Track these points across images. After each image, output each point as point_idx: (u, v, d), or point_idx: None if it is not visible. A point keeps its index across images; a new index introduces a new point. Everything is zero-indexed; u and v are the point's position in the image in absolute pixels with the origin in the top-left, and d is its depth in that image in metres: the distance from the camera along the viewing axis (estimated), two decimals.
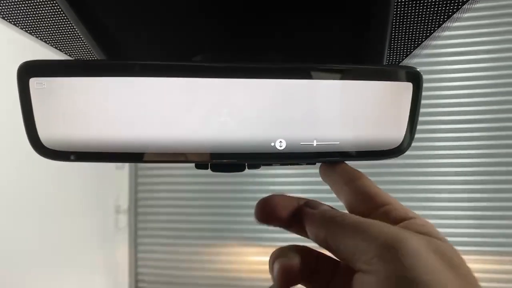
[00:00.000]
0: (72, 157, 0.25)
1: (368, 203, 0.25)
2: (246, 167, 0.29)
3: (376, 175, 1.62)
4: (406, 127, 0.28)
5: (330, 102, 0.26)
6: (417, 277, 0.18)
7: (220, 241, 1.80)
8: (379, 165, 1.62)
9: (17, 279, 1.28)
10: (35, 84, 0.24)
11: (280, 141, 0.26)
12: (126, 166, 1.88)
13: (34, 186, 1.35)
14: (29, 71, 0.24)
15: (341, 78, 0.26)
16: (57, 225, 1.46)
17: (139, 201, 1.90)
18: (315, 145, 0.27)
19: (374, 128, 0.27)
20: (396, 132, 0.28)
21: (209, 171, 0.28)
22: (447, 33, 1.60)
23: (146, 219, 1.89)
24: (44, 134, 0.25)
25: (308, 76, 0.26)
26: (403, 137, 0.28)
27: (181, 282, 1.83)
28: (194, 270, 1.82)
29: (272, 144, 0.26)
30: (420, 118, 0.28)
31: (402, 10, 0.29)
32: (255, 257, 1.78)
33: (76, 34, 0.31)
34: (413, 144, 0.29)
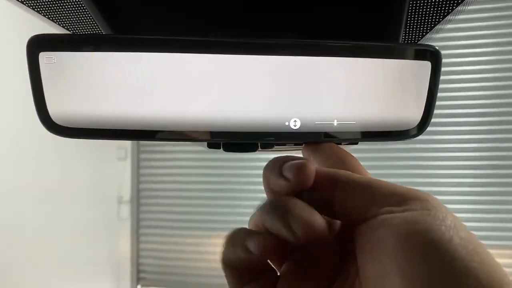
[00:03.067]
0: (82, 134, 0.25)
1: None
2: (259, 146, 0.28)
3: (379, 168, 1.61)
4: (423, 108, 0.27)
5: (346, 81, 0.26)
6: (450, 217, 0.17)
7: (223, 232, 1.80)
8: (382, 159, 1.61)
9: (18, 268, 1.28)
10: (45, 58, 0.24)
11: (295, 120, 0.26)
12: (128, 157, 1.87)
13: (36, 176, 1.35)
14: (39, 45, 0.24)
15: (358, 56, 0.26)
16: (59, 215, 1.46)
17: (141, 192, 1.90)
18: (330, 125, 0.26)
19: (390, 108, 0.27)
20: (413, 113, 0.27)
21: (221, 150, 0.28)
22: (454, 25, 1.59)
23: (148, 210, 1.89)
24: (54, 110, 0.25)
25: (324, 53, 0.25)
26: (420, 117, 0.27)
27: (183, 272, 1.83)
28: (196, 261, 1.82)
29: (287, 123, 0.26)
30: None
31: None
32: None
33: (83, 10, 0.31)
34: (419, 136, 0.28)
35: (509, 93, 1.52)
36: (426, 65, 0.26)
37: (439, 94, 0.27)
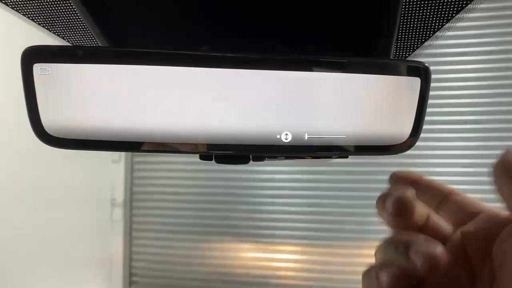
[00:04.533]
0: (74, 145, 0.25)
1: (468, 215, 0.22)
2: (251, 159, 0.28)
3: (372, 173, 1.62)
4: (413, 122, 0.27)
5: (337, 96, 0.26)
6: None
7: (216, 236, 1.80)
8: (376, 164, 1.62)
9: (8, 272, 1.27)
10: (39, 69, 0.24)
11: (286, 134, 0.26)
12: (122, 160, 1.87)
13: (28, 178, 1.34)
14: (33, 56, 0.24)
15: (349, 71, 0.26)
16: (51, 217, 1.45)
17: (134, 194, 1.89)
18: (321, 138, 0.27)
19: (380, 123, 0.27)
20: (403, 127, 0.27)
21: (213, 162, 0.28)
22: (447, 33, 1.59)
23: (141, 212, 1.88)
24: (47, 120, 0.25)
25: (315, 69, 0.26)
26: (410, 132, 0.28)
27: (175, 276, 1.82)
28: (188, 265, 1.81)
29: (278, 136, 0.26)
30: None
31: (411, 4, 0.29)
32: (250, 254, 1.78)
33: (80, 21, 0.31)
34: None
35: (502, 100, 1.53)
36: (416, 81, 0.27)
37: (430, 102, 0.27)
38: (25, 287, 1.34)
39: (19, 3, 0.29)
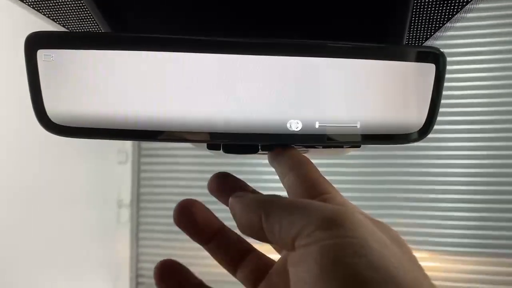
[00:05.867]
0: (80, 134, 0.25)
1: (310, 191, 0.23)
2: (259, 149, 0.28)
3: (379, 174, 1.60)
4: (427, 111, 0.26)
5: (349, 82, 0.25)
6: (364, 244, 0.17)
7: None
8: (382, 165, 1.60)
9: (16, 273, 1.27)
10: (43, 56, 0.23)
11: (297, 122, 0.25)
12: (129, 161, 1.87)
13: (35, 178, 1.34)
14: (37, 42, 0.23)
15: (361, 57, 0.25)
16: (58, 218, 1.45)
17: (141, 195, 1.89)
18: (332, 127, 0.26)
19: (394, 111, 0.26)
20: (417, 116, 0.27)
21: (221, 152, 0.27)
22: (451, 33, 1.58)
23: (148, 214, 1.88)
24: (52, 108, 0.24)
25: (326, 54, 0.25)
26: (424, 120, 0.27)
27: None
28: (195, 266, 1.80)
29: (288, 125, 0.25)
30: None
31: None
32: None
33: (83, 8, 0.30)
34: (418, 143, 0.28)
35: (510, 100, 1.51)
36: (430, 68, 0.26)
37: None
38: (30, 287, 1.34)
39: None
